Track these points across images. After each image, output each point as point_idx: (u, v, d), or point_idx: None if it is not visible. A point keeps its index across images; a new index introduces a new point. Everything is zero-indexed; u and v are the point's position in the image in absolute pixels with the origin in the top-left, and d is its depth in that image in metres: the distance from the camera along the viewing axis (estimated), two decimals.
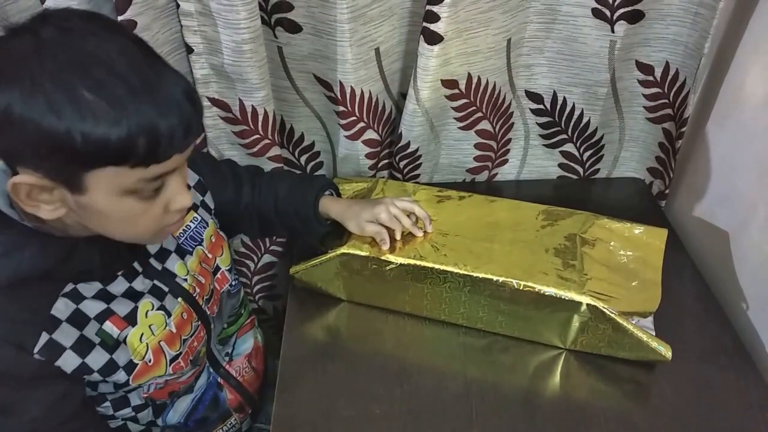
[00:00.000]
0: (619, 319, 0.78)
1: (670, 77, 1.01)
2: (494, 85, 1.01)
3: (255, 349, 0.93)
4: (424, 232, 0.87)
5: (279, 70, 0.97)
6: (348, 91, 0.95)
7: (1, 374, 0.61)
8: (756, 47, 0.91)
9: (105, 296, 0.67)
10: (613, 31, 0.95)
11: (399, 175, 1.11)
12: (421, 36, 0.88)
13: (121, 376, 0.68)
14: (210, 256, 0.81)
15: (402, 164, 1.08)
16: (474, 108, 1.03)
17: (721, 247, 0.99)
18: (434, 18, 0.85)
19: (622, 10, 0.93)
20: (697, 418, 0.78)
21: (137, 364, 0.69)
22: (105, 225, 0.60)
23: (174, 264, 0.75)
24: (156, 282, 0.72)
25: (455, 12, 0.86)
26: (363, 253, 0.84)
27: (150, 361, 0.70)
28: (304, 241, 0.99)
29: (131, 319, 0.68)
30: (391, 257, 0.84)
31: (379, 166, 1.11)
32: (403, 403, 0.79)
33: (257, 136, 0.97)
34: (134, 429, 0.78)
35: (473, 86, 1.00)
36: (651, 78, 1.02)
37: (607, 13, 0.94)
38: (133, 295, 0.69)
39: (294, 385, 0.82)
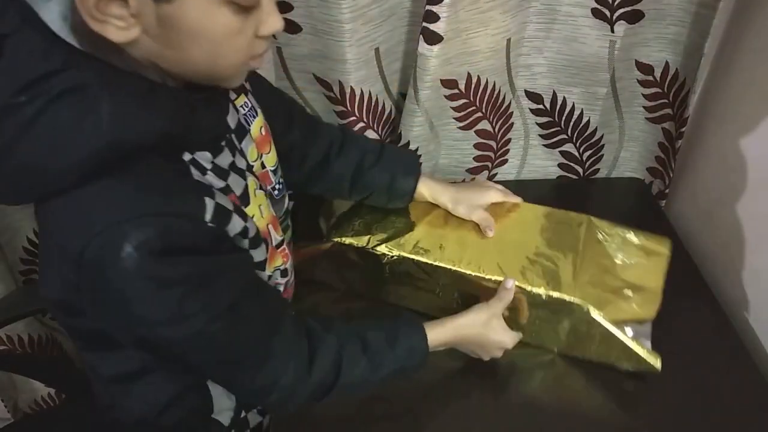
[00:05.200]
0: (607, 324, 0.77)
1: (669, 77, 1.01)
2: (494, 85, 1.01)
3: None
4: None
5: (278, 70, 0.97)
6: (348, 91, 0.95)
7: (188, 249, 0.53)
8: (756, 47, 0.91)
9: (219, 171, 0.60)
10: (612, 31, 0.95)
11: None
12: (421, 36, 0.88)
13: (262, 250, 0.64)
14: (257, 151, 0.72)
15: None
16: (474, 108, 1.03)
17: (721, 246, 0.99)
18: (434, 18, 0.85)
19: (621, 10, 0.93)
20: (697, 418, 0.78)
21: (267, 241, 0.65)
22: (189, 50, 0.50)
23: (248, 146, 0.67)
24: (245, 161, 0.66)
25: (455, 12, 0.86)
26: (356, 243, 0.85)
27: None
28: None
29: (245, 199, 0.63)
30: (381, 248, 0.85)
31: None
32: (403, 403, 0.79)
33: None
34: None
35: (473, 86, 1.00)
36: (651, 78, 1.02)
37: (607, 13, 0.94)
38: (239, 171, 0.63)
39: None
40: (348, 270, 0.90)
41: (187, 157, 0.56)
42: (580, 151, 1.13)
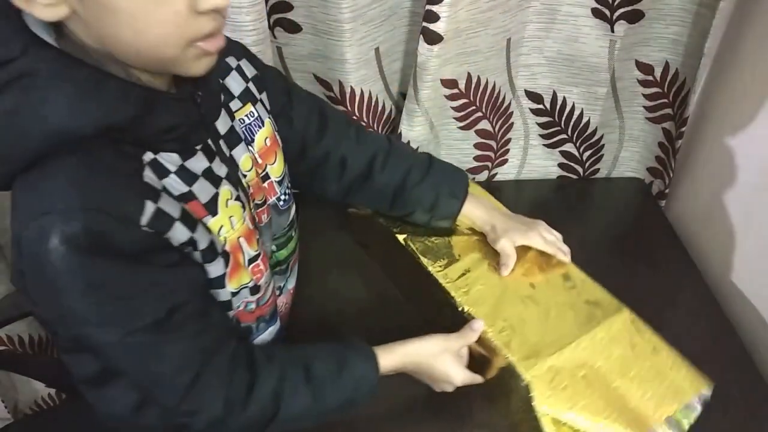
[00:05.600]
0: (540, 413, 0.67)
1: (669, 77, 1.01)
2: (494, 85, 1.01)
3: (294, 284, 0.87)
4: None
5: None
6: (348, 90, 0.95)
7: (116, 251, 0.51)
8: (756, 47, 0.91)
9: (186, 175, 0.57)
10: (613, 31, 0.95)
11: None
12: (421, 36, 0.88)
13: (219, 265, 0.61)
14: (260, 161, 0.71)
15: None
16: (474, 108, 1.03)
17: (721, 246, 0.99)
18: (434, 18, 0.85)
19: (622, 10, 0.93)
20: (697, 418, 0.78)
21: (229, 255, 0.62)
22: (114, 27, 0.48)
23: (241, 155, 0.66)
24: (228, 170, 0.63)
25: (455, 12, 0.86)
26: (384, 223, 0.87)
27: (231, 257, 0.63)
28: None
29: (212, 207, 0.60)
30: (401, 237, 0.85)
31: None
32: (403, 404, 0.79)
33: None
34: None
35: (473, 86, 1.00)
36: (651, 78, 1.02)
37: (607, 12, 0.94)
38: (214, 179, 0.60)
39: None
40: (374, 244, 0.93)
41: (148, 156, 0.55)
42: (580, 151, 1.13)
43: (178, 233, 0.55)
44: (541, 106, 1.08)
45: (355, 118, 0.99)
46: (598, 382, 0.70)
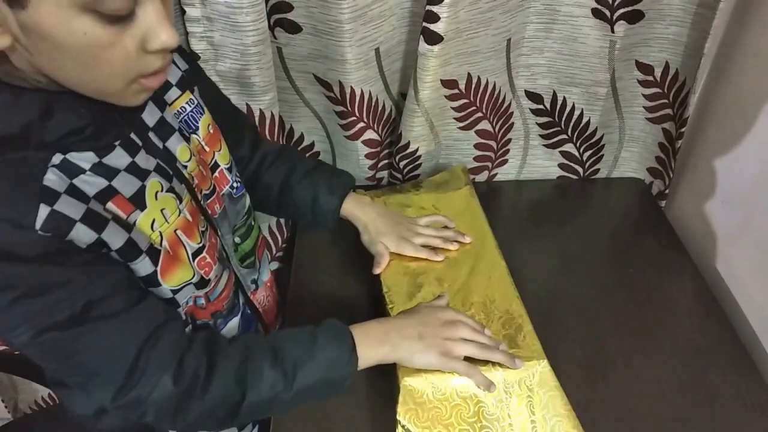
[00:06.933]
0: (398, 423, 0.66)
1: (670, 77, 1.01)
2: (494, 85, 1.01)
3: (270, 276, 0.88)
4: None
5: (278, 71, 0.97)
6: (348, 91, 0.95)
7: (8, 255, 0.50)
8: (756, 47, 0.91)
9: (104, 171, 0.55)
10: (613, 31, 0.95)
11: (399, 175, 1.11)
12: (421, 36, 0.88)
13: (146, 264, 0.58)
14: (207, 149, 0.70)
15: (402, 164, 1.08)
16: (474, 108, 1.03)
17: (721, 247, 0.99)
18: (434, 18, 0.85)
19: (622, 10, 0.93)
20: (697, 418, 0.78)
21: (159, 251, 0.59)
22: (59, 61, 0.48)
23: (176, 145, 0.64)
24: (159, 161, 0.61)
25: (455, 12, 0.86)
26: None
27: (169, 251, 0.60)
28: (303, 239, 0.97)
29: (139, 201, 0.57)
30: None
31: (379, 166, 1.11)
32: None
33: None
34: None
35: (473, 86, 1.00)
36: (651, 78, 1.02)
37: (607, 13, 0.94)
38: (138, 173, 0.58)
39: None
40: None
41: (57, 158, 0.53)
42: (580, 151, 1.13)
43: (81, 235, 0.53)
44: (541, 107, 1.08)
45: (354, 118, 1.00)
46: (467, 415, 0.67)
